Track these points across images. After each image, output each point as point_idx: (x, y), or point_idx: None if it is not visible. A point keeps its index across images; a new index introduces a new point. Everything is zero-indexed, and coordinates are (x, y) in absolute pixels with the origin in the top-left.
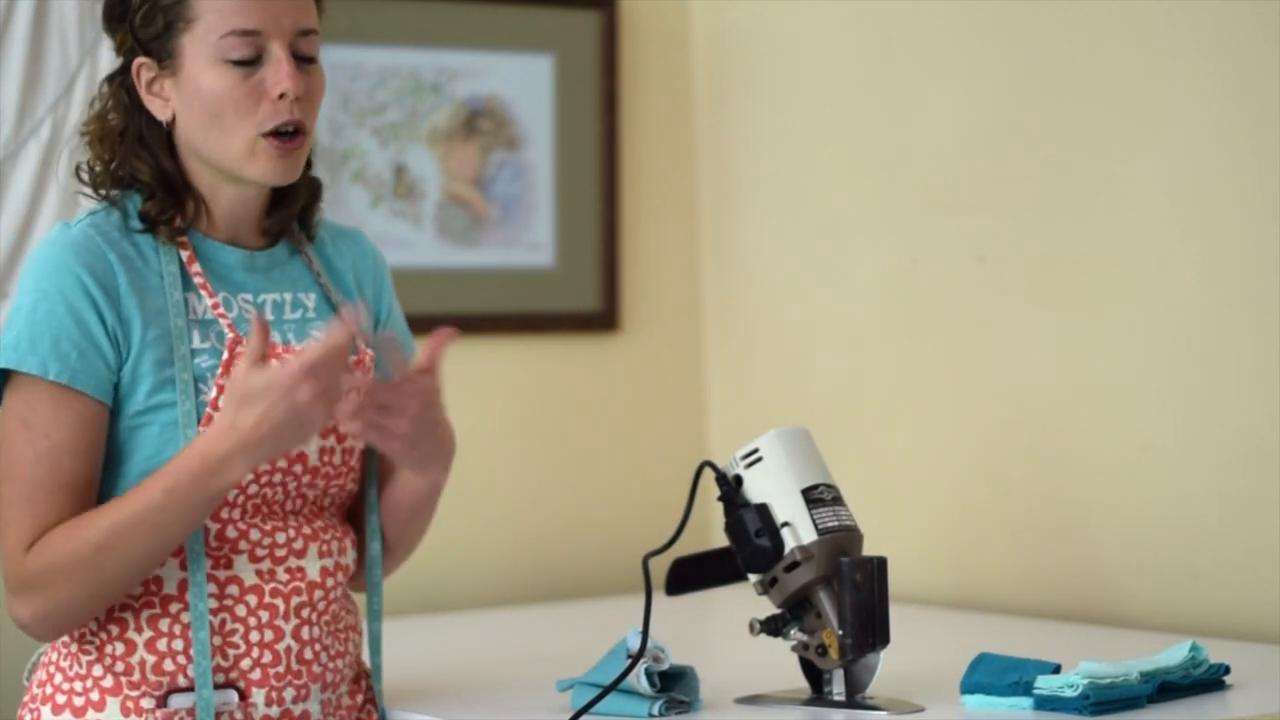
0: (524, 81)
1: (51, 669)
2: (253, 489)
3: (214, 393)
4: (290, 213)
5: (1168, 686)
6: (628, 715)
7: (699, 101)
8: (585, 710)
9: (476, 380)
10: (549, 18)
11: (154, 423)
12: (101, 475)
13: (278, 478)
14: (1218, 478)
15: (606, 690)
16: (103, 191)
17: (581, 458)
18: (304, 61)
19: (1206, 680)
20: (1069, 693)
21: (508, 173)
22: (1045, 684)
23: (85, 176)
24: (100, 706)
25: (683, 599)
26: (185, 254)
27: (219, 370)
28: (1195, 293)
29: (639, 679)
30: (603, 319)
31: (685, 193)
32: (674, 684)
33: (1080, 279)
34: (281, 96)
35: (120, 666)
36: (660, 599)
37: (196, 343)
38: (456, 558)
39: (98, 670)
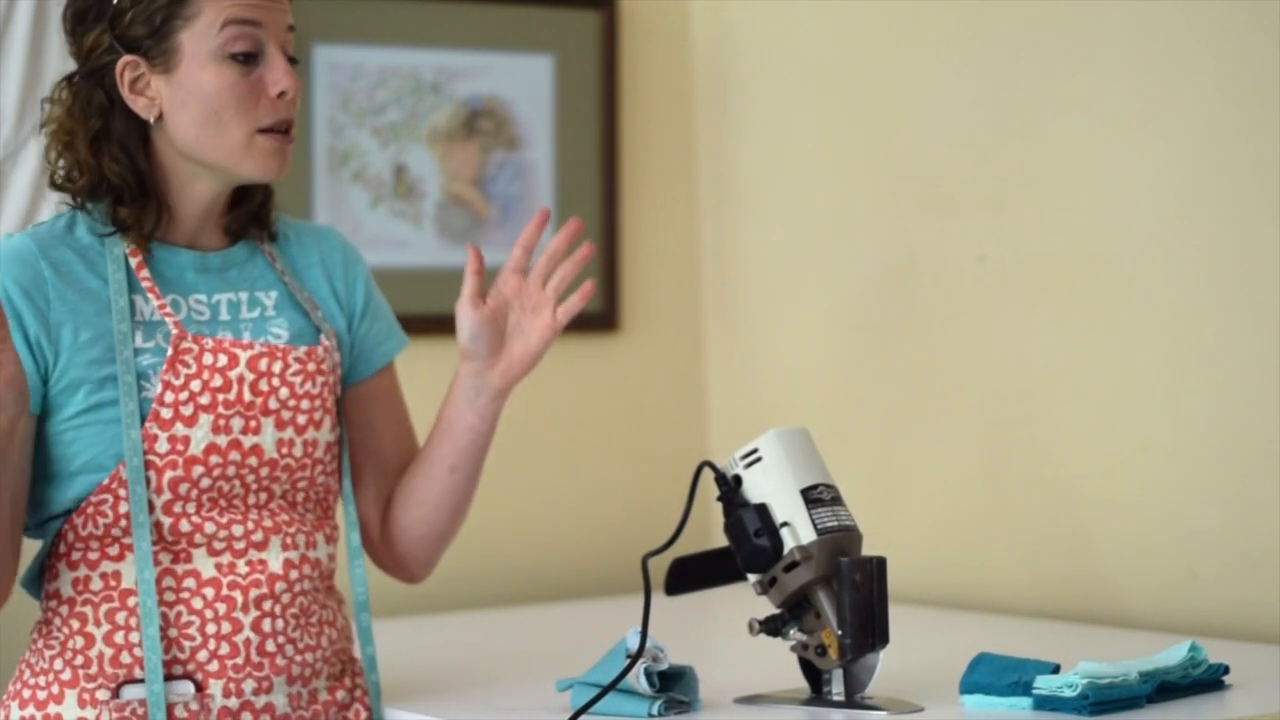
0: (524, 81)
1: (23, 666)
2: (205, 483)
3: (159, 388)
4: (249, 209)
5: (1167, 686)
6: (627, 715)
7: (699, 101)
8: (584, 710)
9: None
10: (549, 18)
11: (99, 420)
12: (48, 476)
13: (231, 471)
14: (1218, 478)
15: (606, 690)
16: (79, 199)
17: (582, 458)
18: (290, 61)
19: (1206, 680)
20: (1068, 693)
21: (508, 173)
22: (1044, 684)
23: (61, 181)
24: (60, 699)
25: (682, 599)
26: (135, 260)
27: (163, 366)
28: (1196, 292)
29: (638, 679)
30: (603, 319)
31: (685, 193)
32: (673, 684)
33: (1080, 279)
34: (280, 95)
35: (79, 660)
36: (660, 599)
37: (140, 342)
38: (456, 558)
39: (58, 664)
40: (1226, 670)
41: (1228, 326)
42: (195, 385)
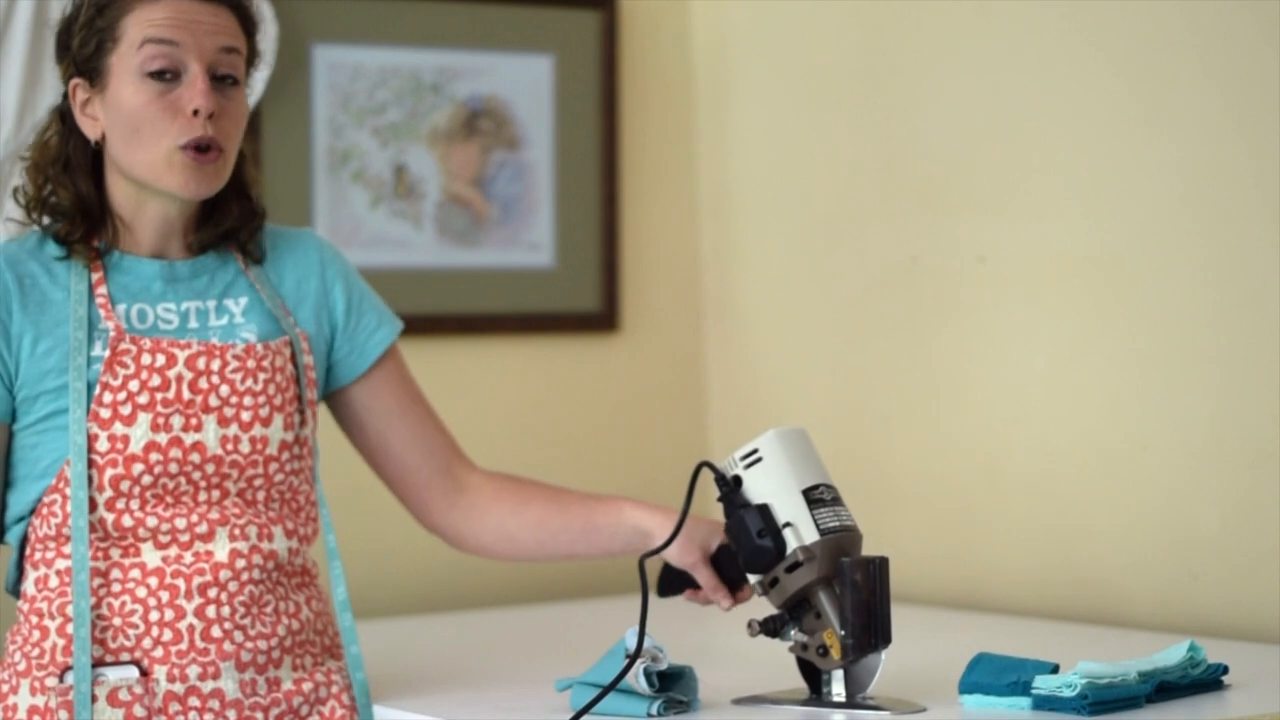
0: (524, 81)
1: None
2: (146, 479)
3: (97, 389)
4: (216, 230)
5: (1166, 686)
6: (626, 715)
7: (699, 101)
8: (585, 710)
9: (476, 380)
10: (549, 18)
11: (57, 427)
12: (10, 482)
13: (174, 468)
14: (1218, 478)
15: (606, 690)
16: (34, 216)
17: (581, 458)
18: (224, 84)
19: (1205, 680)
20: (1067, 692)
21: (508, 173)
22: (1043, 684)
23: (21, 200)
24: (15, 689)
25: (681, 598)
26: (95, 275)
27: (102, 369)
28: (1195, 292)
29: (638, 679)
30: (603, 319)
31: (685, 192)
32: (672, 684)
33: (1080, 279)
34: (195, 113)
35: (35, 652)
36: (659, 599)
37: (99, 350)
38: (456, 558)
39: (16, 657)
40: (1225, 670)
41: (1228, 326)
42: (134, 385)
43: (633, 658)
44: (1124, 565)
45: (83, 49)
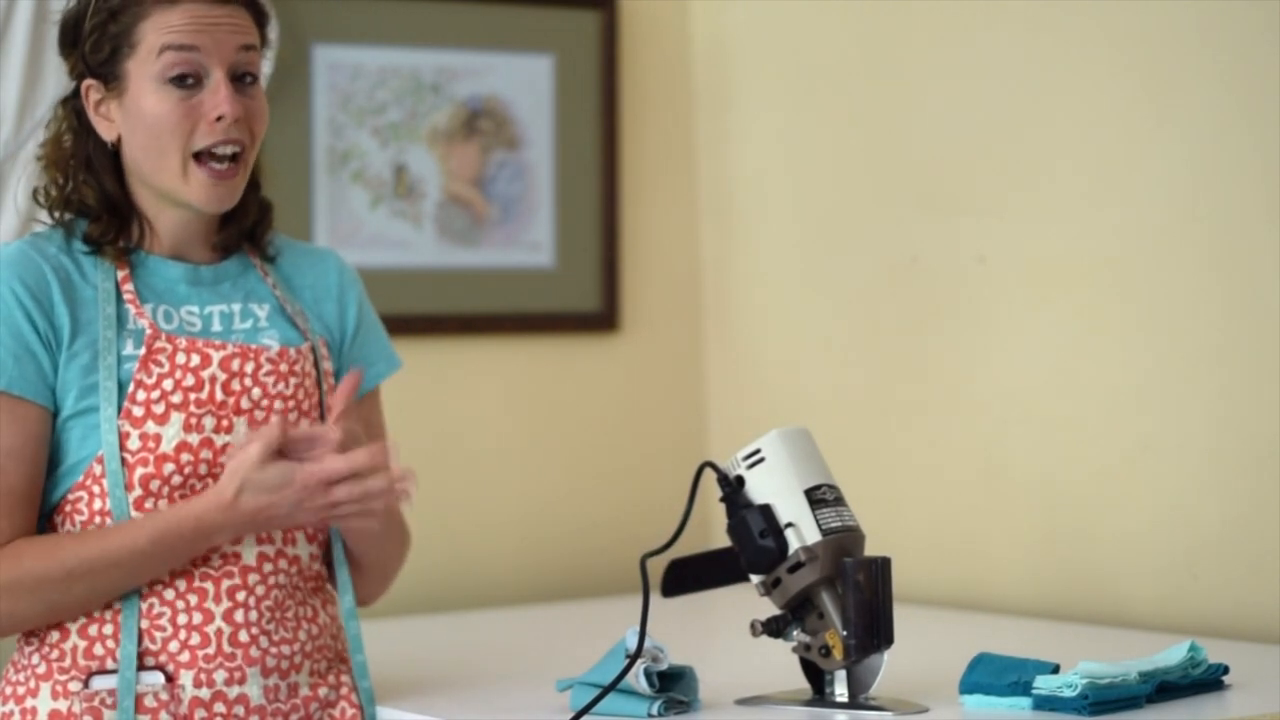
0: (524, 81)
1: (9, 665)
2: (176, 480)
3: (130, 387)
4: (239, 229)
5: (1166, 686)
6: (627, 715)
7: (699, 101)
8: (585, 710)
9: (476, 380)
10: (549, 18)
11: (78, 426)
12: None
13: (203, 469)
14: (1218, 477)
15: (606, 690)
16: (56, 214)
17: (581, 458)
18: (245, 83)
19: (1205, 680)
20: (1068, 692)
21: (508, 173)
22: (1044, 684)
23: (42, 200)
24: (35, 692)
25: (682, 599)
26: (121, 273)
27: (137, 367)
28: (1196, 293)
29: (638, 679)
30: (603, 319)
31: (685, 192)
32: (673, 684)
33: (1080, 279)
34: (219, 119)
35: (55, 654)
36: (660, 599)
37: (130, 349)
38: (456, 558)
39: (35, 659)
40: (1226, 670)
41: (1228, 327)
42: (168, 384)
43: (633, 658)
44: (1125, 565)
45: (95, 53)
